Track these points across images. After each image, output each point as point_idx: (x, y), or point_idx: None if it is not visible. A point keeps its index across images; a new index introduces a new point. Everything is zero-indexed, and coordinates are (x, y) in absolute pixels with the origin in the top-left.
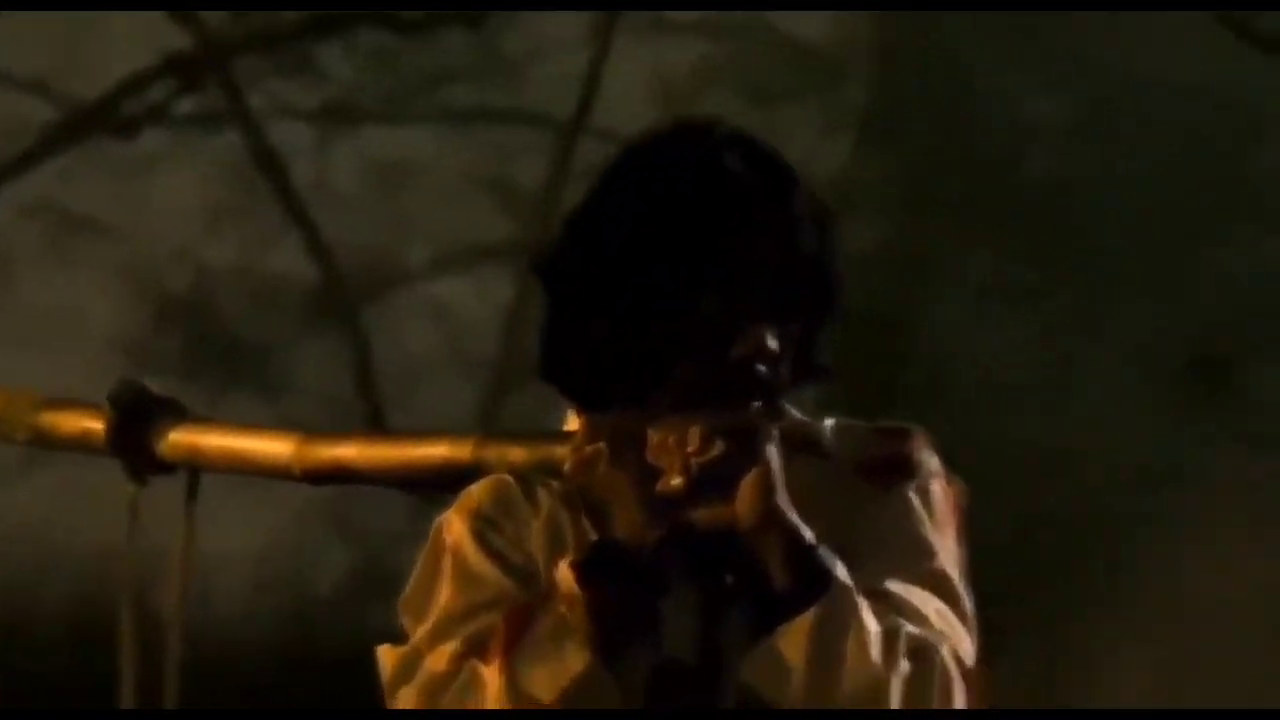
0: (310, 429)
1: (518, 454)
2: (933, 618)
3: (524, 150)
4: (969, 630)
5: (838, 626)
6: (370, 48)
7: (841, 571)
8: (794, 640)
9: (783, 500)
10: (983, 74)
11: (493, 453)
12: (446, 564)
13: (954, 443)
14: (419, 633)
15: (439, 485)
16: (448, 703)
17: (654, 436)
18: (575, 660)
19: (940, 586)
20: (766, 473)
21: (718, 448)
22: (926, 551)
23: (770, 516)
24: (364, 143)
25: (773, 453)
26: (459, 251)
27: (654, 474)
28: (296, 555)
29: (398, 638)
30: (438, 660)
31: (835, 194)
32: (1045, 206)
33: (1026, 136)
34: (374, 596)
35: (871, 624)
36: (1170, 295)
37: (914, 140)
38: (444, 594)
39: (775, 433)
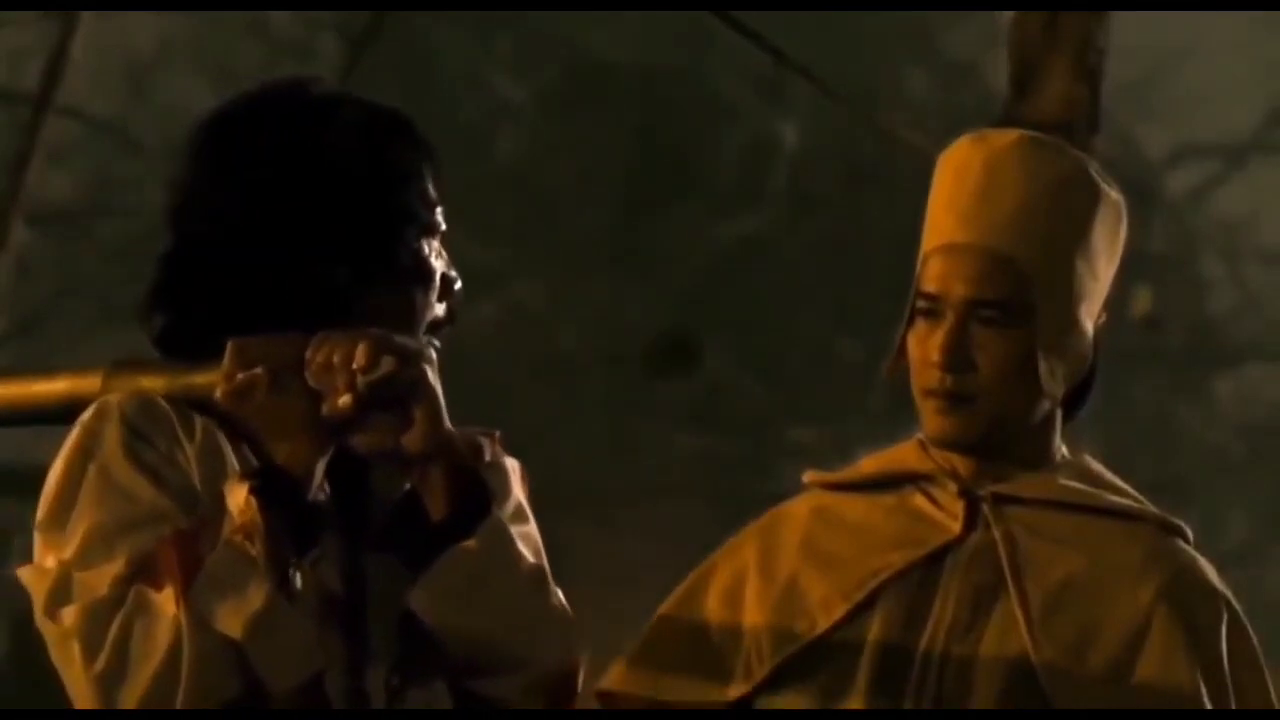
0: None
1: (154, 383)
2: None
3: None
4: None
5: (494, 557)
6: None
7: (498, 507)
8: (452, 569)
9: (450, 428)
10: (454, 56)
11: (125, 384)
12: (91, 476)
13: None
14: (67, 551)
15: (67, 421)
16: (117, 627)
17: (316, 355)
18: (256, 593)
19: (538, 547)
20: (435, 398)
21: (386, 364)
22: (528, 517)
23: (440, 444)
24: None
25: (435, 375)
26: None
27: (316, 397)
28: None
29: None
30: (97, 581)
31: None
32: (515, 186)
33: (497, 117)
34: None
35: (524, 557)
36: (634, 275)
37: None
38: (90, 510)
39: (434, 355)
